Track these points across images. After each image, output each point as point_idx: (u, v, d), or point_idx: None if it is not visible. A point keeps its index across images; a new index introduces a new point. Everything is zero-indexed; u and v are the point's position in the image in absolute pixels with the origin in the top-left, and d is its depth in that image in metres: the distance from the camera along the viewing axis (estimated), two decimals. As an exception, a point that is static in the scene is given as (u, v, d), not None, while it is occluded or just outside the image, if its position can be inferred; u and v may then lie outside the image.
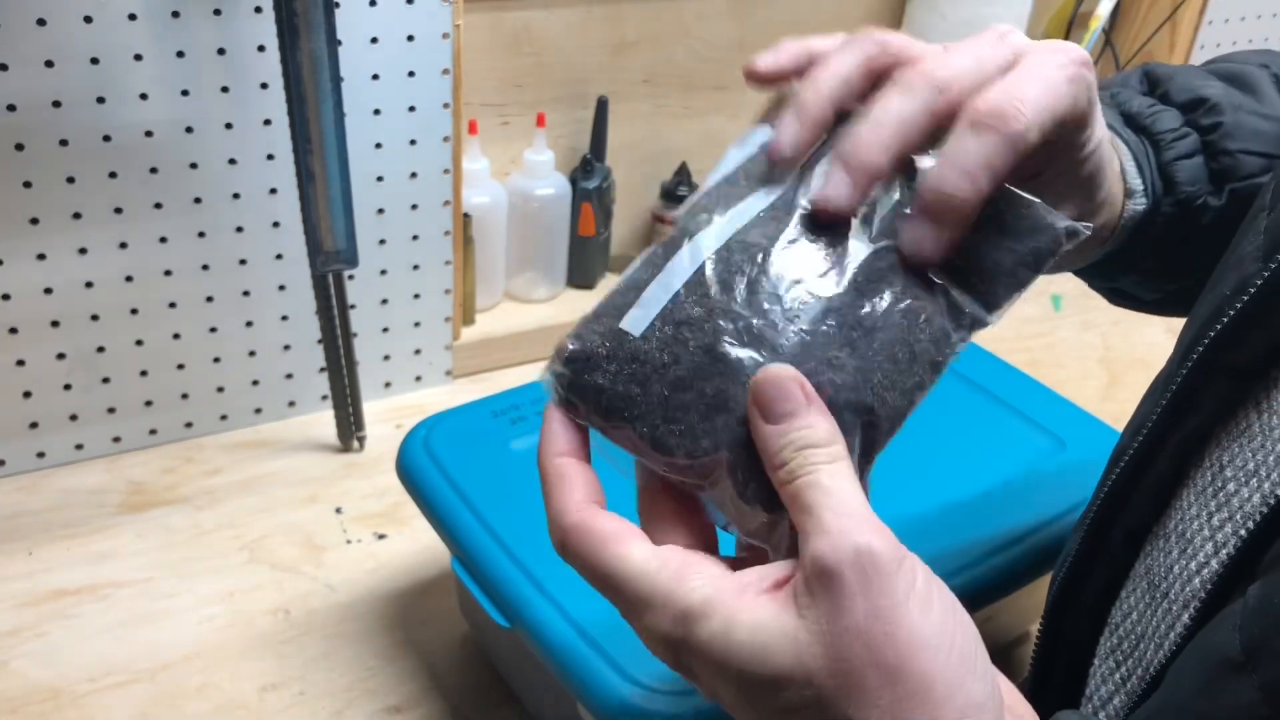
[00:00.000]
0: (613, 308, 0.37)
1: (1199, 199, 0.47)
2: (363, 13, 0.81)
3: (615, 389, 0.36)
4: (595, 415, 0.36)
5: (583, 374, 0.36)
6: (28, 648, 0.71)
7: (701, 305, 0.36)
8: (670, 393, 0.35)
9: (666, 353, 0.35)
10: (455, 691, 0.70)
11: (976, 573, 0.61)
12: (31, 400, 0.83)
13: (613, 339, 0.36)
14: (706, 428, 0.34)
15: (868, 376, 0.35)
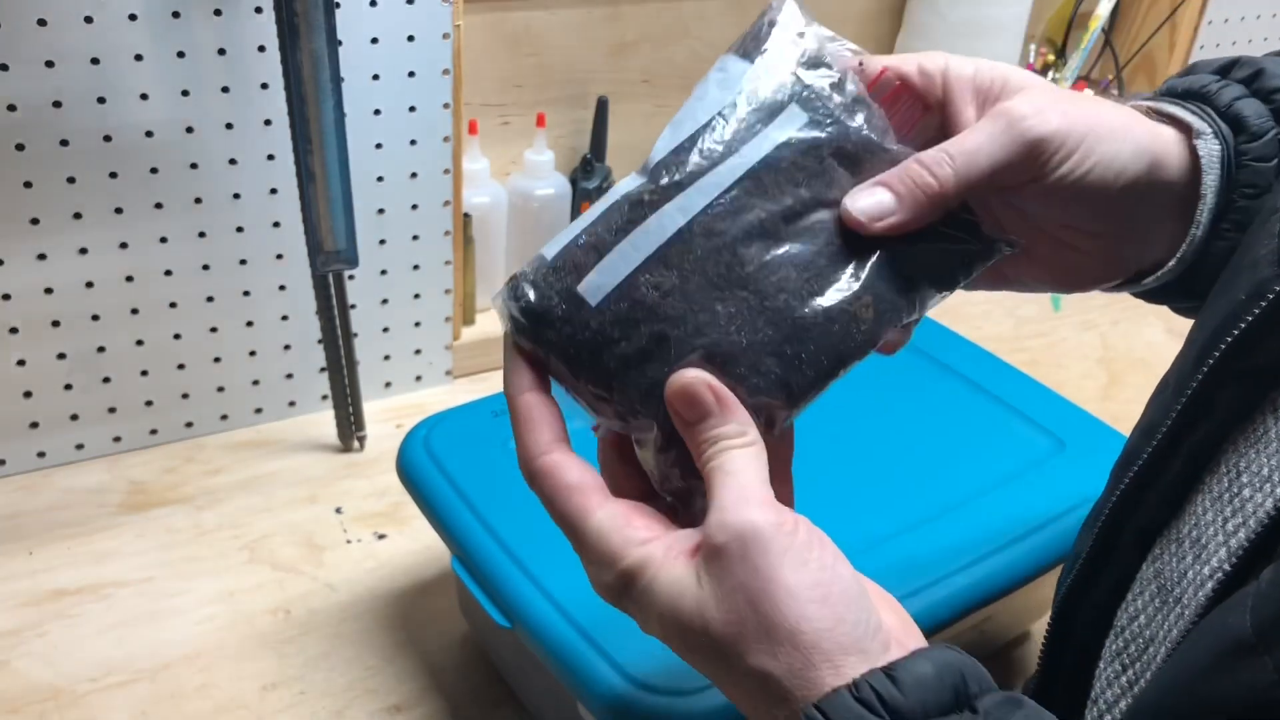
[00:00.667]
0: (572, 264, 0.38)
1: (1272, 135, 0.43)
2: (363, 13, 0.81)
3: (565, 349, 0.38)
4: (541, 357, 0.38)
5: (536, 325, 0.38)
6: (28, 647, 0.71)
7: (658, 289, 0.37)
8: (615, 366, 0.37)
9: (618, 329, 0.37)
10: (455, 691, 0.70)
11: (976, 572, 0.61)
12: (32, 400, 0.83)
13: (568, 301, 0.37)
14: (643, 402, 0.38)
15: (787, 381, 0.38)
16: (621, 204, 0.38)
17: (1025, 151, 0.39)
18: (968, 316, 1.16)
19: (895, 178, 0.39)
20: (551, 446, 0.38)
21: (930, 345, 0.81)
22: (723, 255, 0.37)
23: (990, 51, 1.15)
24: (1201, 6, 1.30)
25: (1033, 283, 0.46)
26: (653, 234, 0.37)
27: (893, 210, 0.39)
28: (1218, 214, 0.43)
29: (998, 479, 0.68)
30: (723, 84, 0.39)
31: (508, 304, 0.38)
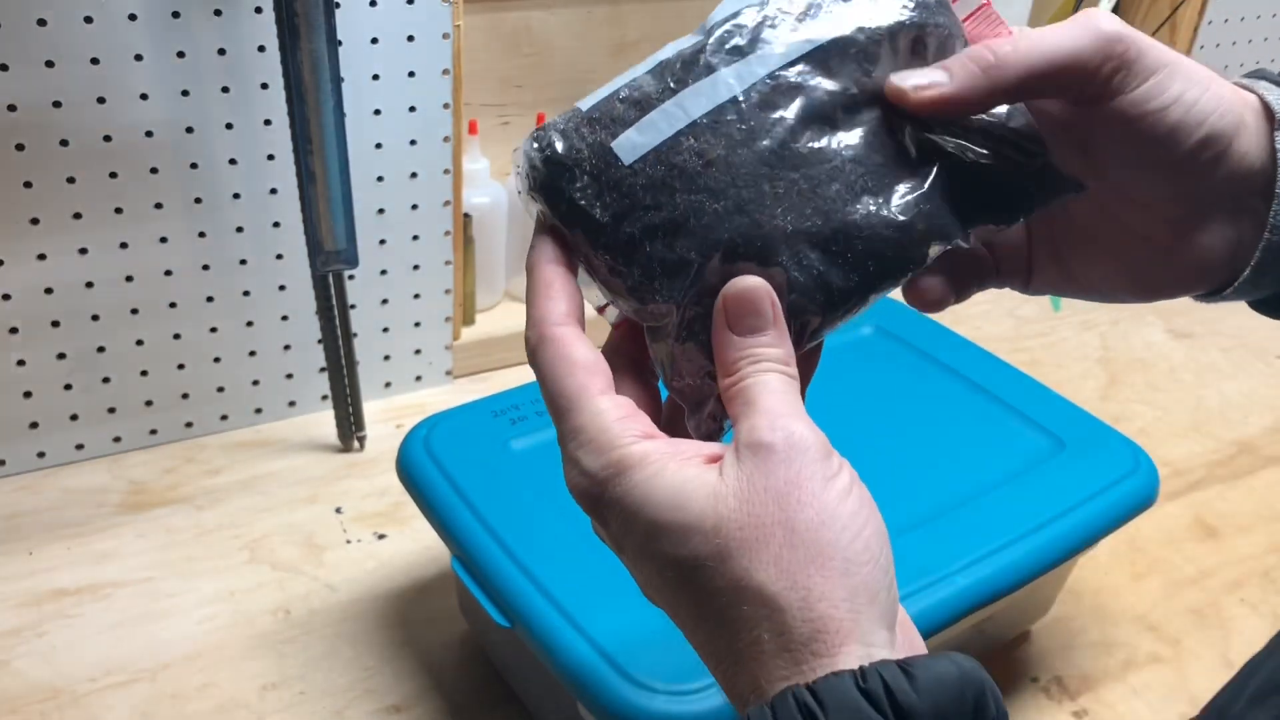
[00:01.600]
0: (610, 116, 0.35)
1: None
2: (363, 13, 0.81)
3: (589, 210, 0.34)
4: (560, 220, 0.35)
5: (558, 178, 0.35)
6: (28, 647, 0.71)
7: (701, 157, 0.34)
8: (641, 237, 0.34)
9: (650, 195, 0.34)
10: (455, 691, 0.71)
11: (976, 572, 0.61)
12: (32, 400, 0.83)
13: (600, 156, 0.34)
14: (664, 282, 0.34)
15: (828, 282, 0.35)
16: (673, 61, 0.35)
17: (1099, 47, 0.35)
18: (968, 317, 1.16)
19: (954, 58, 0.36)
20: (565, 319, 0.34)
21: (930, 345, 0.81)
22: (776, 131, 0.34)
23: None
24: (1201, 6, 1.30)
25: (1102, 283, 0.41)
26: (704, 97, 0.34)
27: (940, 82, 0.35)
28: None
29: (998, 479, 0.68)
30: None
31: (529, 152, 0.35)
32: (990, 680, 0.30)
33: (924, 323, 0.84)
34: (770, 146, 0.34)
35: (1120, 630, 0.79)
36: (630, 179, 0.34)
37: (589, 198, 0.34)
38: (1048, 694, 0.74)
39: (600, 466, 0.32)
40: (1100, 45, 0.35)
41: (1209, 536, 0.89)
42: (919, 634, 0.35)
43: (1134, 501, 0.68)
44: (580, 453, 0.33)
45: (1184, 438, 1.02)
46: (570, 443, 0.33)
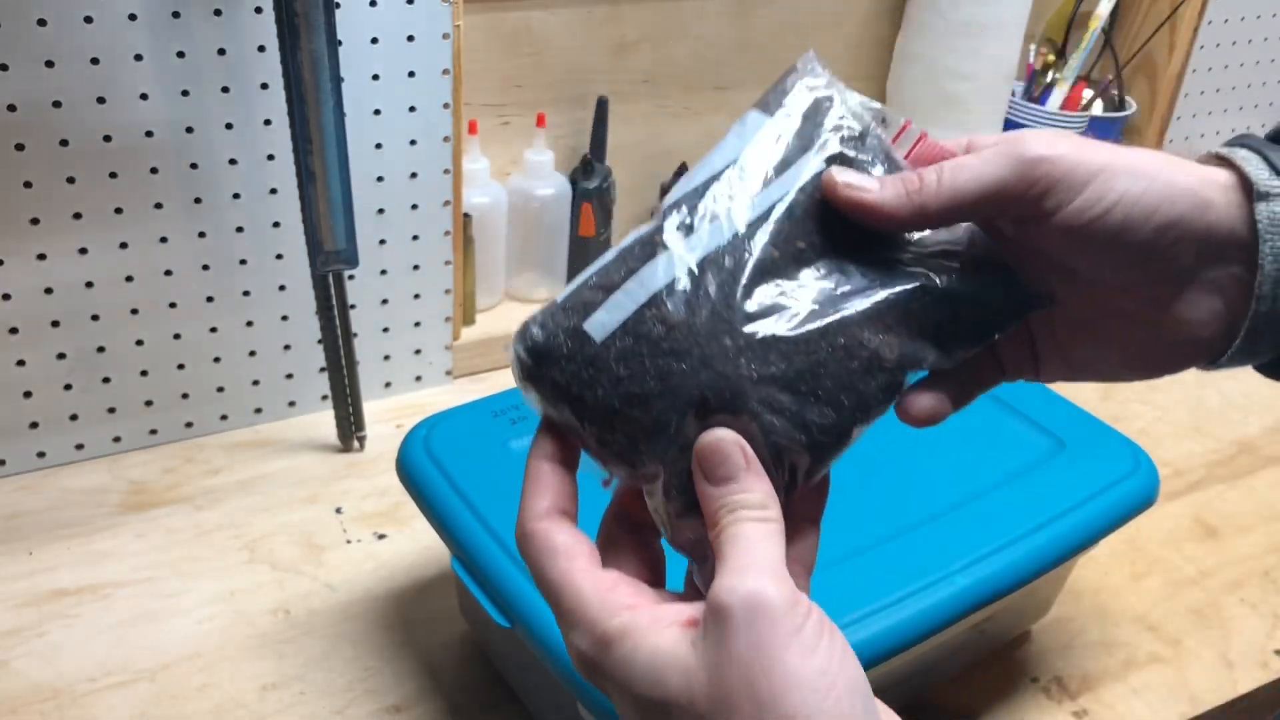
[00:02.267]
0: (580, 303, 0.37)
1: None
2: (363, 13, 0.81)
3: (569, 389, 0.37)
4: (549, 405, 0.38)
5: (541, 365, 0.38)
6: (28, 647, 0.71)
7: (664, 324, 0.36)
8: (620, 405, 0.36)
9: (622, 366, 0.36)
10: (455, 691, 0.70)
11: (976, 572, 0.61)
12: (32, 400, 0.83)
13: (574, 338, 0.37)
14: (648, 444, 0.36)
15: (805, 421, 0.36)
16: (632, 246, 0.38)
17: (1022, 170, 0.35)
18: (968, 316, 1.16)
19: (887, 176, 0.37)
20: (546, 513, 0.37)
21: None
22: (730, 290, 0.36)
23: (990, 51, 1.15)
24: (1201, 7, 1.30)
25: (1106, 368, 0.41)
26: (661, 271, 0.37)
27: (870, 189, 0.36)
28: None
29: (998, 479, 0.68)
30: (739, 135, 0.39)
31: (516, 347, 0.38)
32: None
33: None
34: (725, 304, 0.36)
35: (1120, 630, 0.79)
36: (603, 354, 0.36)
37: (569, 377, 0.37)
38: (1048, 694, 0.74)
39: (588, 645, 0.34)
40: (1022, 171, 0.35)
41: (1209, 536, 0.89)
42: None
43: (1134, 502, 0.68)
44: (572, 634, 0.35)
45: (1184, 438, 1.02)
46: (562, 625, 0.36)
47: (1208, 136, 1.44)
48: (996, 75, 1.18)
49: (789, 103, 0.39)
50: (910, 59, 1.19)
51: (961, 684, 0.74)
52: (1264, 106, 1.47)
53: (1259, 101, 1.46)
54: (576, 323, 0.37)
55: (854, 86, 0.40)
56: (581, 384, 0.37)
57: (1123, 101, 1.32)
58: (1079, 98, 1.25)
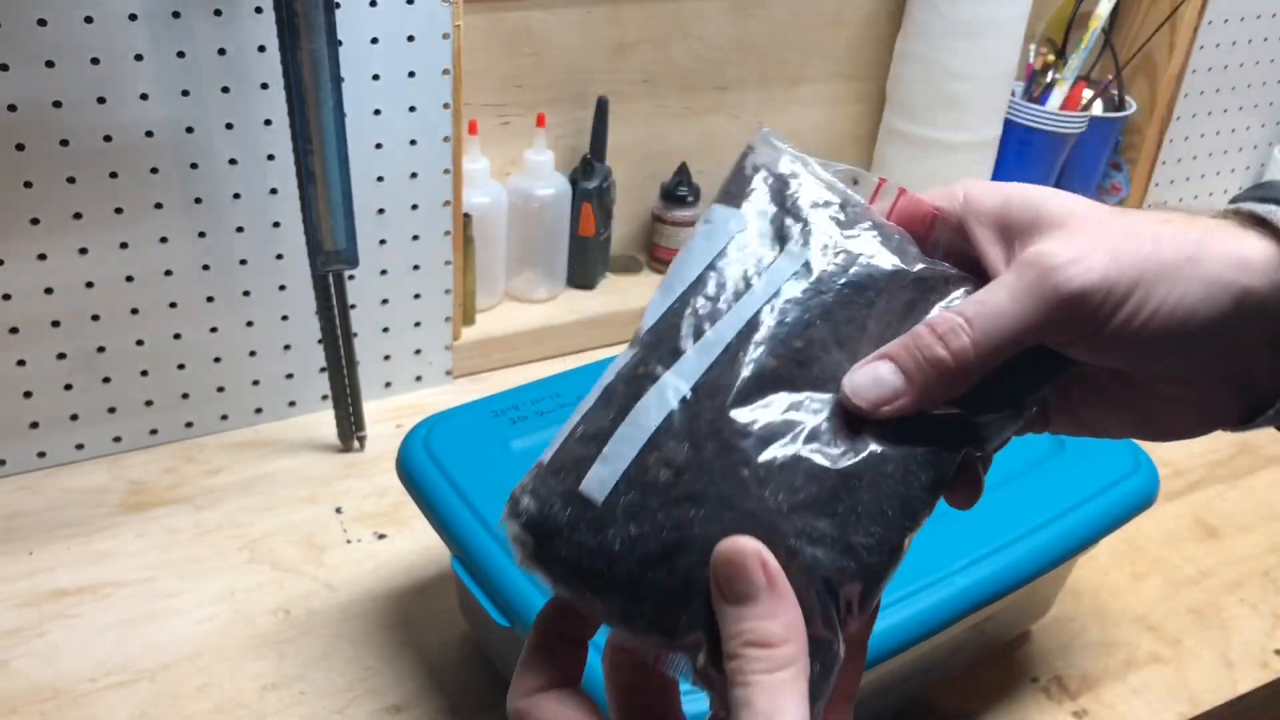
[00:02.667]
0: (572, 460, 0.33)
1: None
2: (363, 13, 0.81)
3: (579, 563, 0.32)
4: (559, 585, 0.33)
5: (542, 542, 0.33)
6: (28, 647, 0.71)
7: (669, 467, 0.32)
8: (639, 570, 0.31)
9: (633, 524, 0.31)
10: (455, 691, 0.71)
11: (976, 572, 0.61)
12: (32, 400, 0.83)
13: (572, 504, 0.32)
14: (676, 610, 0.31)
15: (850, 545, 0.31)
16: (616, 384, 0.33)
17: (1063, 309, 0.32)
18: (968, 316, 1.16)
19: (902, 348, 0.33)
20: (531, 690, 0.33)
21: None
22: (734, 414, 0.32)
23: (990, 51, 1.15)
24: (1201, 7, 1.30)
25: (1117, 430, 0.39)
26: (654, 408, 0.32)
27: (901, 392, 0.33)
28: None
29: (998, 479, 0.68)
30: (709, 235, 0.35)
31: (510, 525, 0.33)
32: None
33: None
34: (733, 430, 0.32)
35: (1120, 630, 0.79)
36: (608, 516, 0.32)
37: (576, 550, 0.32)
38: (1048, 694, 0.74)
39: None
40: (1066, 308, 0.32)
41: (1209, 536, 0.89)
42: None
43: (1134, 501, 0.68)
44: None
45: (1184, 438, 1.02)
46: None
47: (1207, 136, 1.44)
48: (996, 75, 1.18)
49: (754, 189, 0.35)
50: (910, 59, 1.19)
51: (961, 684, 0.74)
52: (1264, 106, 1.47)
53: (1259, 101, 1.46)
54: (571, 485, 0.32)
55: (854, 86, 0.38)
56: (592, 554, 0.32)
57: (1123, 101, 1.32)
58: (1079, 98, 1.25)
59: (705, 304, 0.33)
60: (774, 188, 0.35)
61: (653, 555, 0.31)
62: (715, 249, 0.34)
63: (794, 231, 0.34)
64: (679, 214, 1.14)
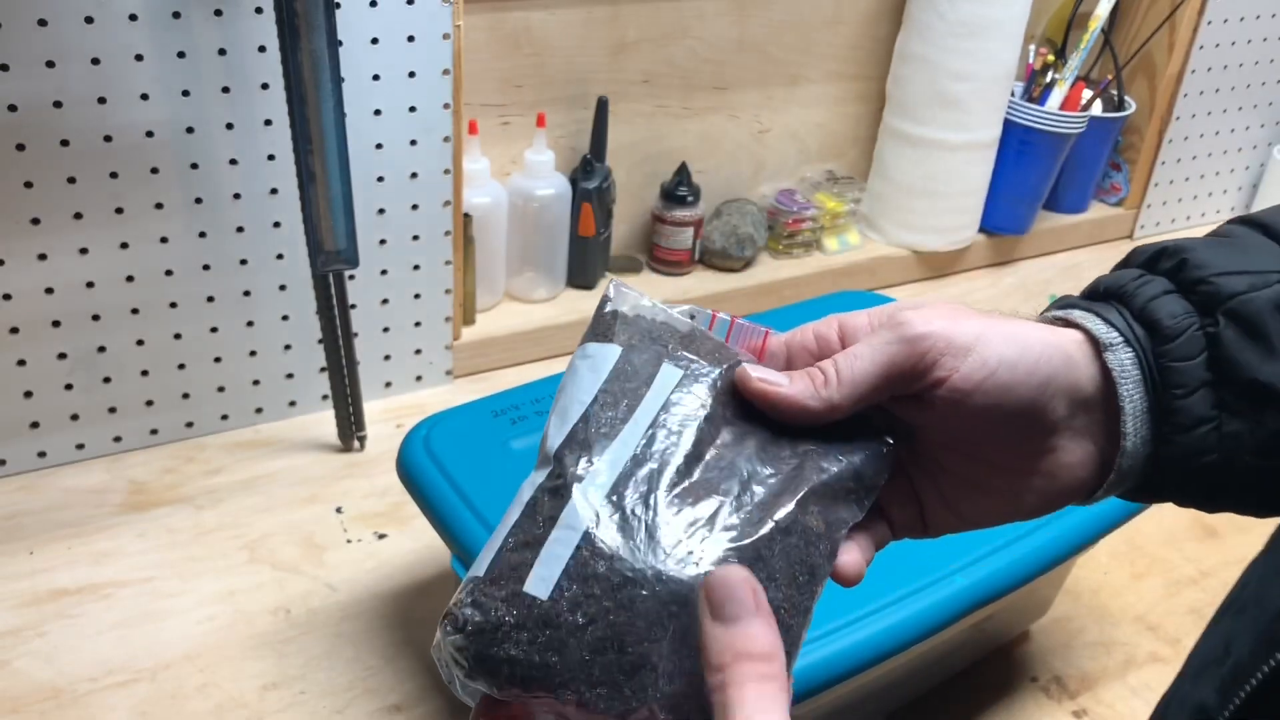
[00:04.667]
0: (508, 568, 0.35)
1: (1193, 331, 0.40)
2: (363, 13, 0.81)
3: (531, 659, 0.34)
4: (511, 686, 0.35)
5: (490, 646, 0.35)
6: (29, 647, 0.71)
7: (605, 558, 0.35)
8: (590, 655, 0.34)
9: (580, 613, 0.34)
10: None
11: (976, 572, 0.61)
12: (32, 400, 0.83)
13: (519, 605, 0.35)
14: (634, 686, 0.34)
15: (776, 606, 0.35)
16: (539, 496, 0.37)
17: (909, 349, 0.38)
18: (967, 316, 1.16)
19: (796, 374, 0.40)
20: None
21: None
22: (654, 502, 0.37)
23: (990, 51, 1.15)
24: (1201, 7, 1.30)
25: (991, 518, 0.45)
26: (579, 510, 0.36)
27: (783, 383, 0.39)
28: (1154, 416, 0.40)
29: (997, 479, 0.68)
30: (593, 368, 0.40)
31: (448, 642, 0.35)
32: None
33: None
34: (656, 516, 0.36)
35: (1120, 630, 0.80)
36: (556, 610, 0.34)
37: (527, 647, 0.34)
38: (1047, 693, 0.74)
39: None
40: (909, 350, 0.38)
41: (1209, 536, 0.89)
42: None
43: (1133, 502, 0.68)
44: None
45: (1184, 438, 1.02)
46: None
47: (1207, 136, 1.44)
48: (996, 75, 1.18)
49: (619, 328, 0.41)
50: (910, 59, 1.19)
51: (961, 684, 0.74)
52: (1263, 107, 1.47)
53: (1258, 102, 1.46)
54: (515, 588, 0.35)
55: (854, 86, 0.41)
56: (544, 649, 0.34)
57: (1122, 101, 1.32)
58: (1078, 98, 1.25)
59: (606, 420, 0.38)
60: (634, 326, 0.41)
61: (604, 640, 0.34)
62: (601, 377, 0.39)
63: (663, 356, 0.40)
64: (679, 214, 1.14)
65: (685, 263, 1.17)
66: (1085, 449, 0.42)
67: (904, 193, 1.25)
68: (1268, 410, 0.40)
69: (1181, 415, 0.40)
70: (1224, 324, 0.40)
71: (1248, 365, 0.40)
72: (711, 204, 1.19)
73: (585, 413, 0.39)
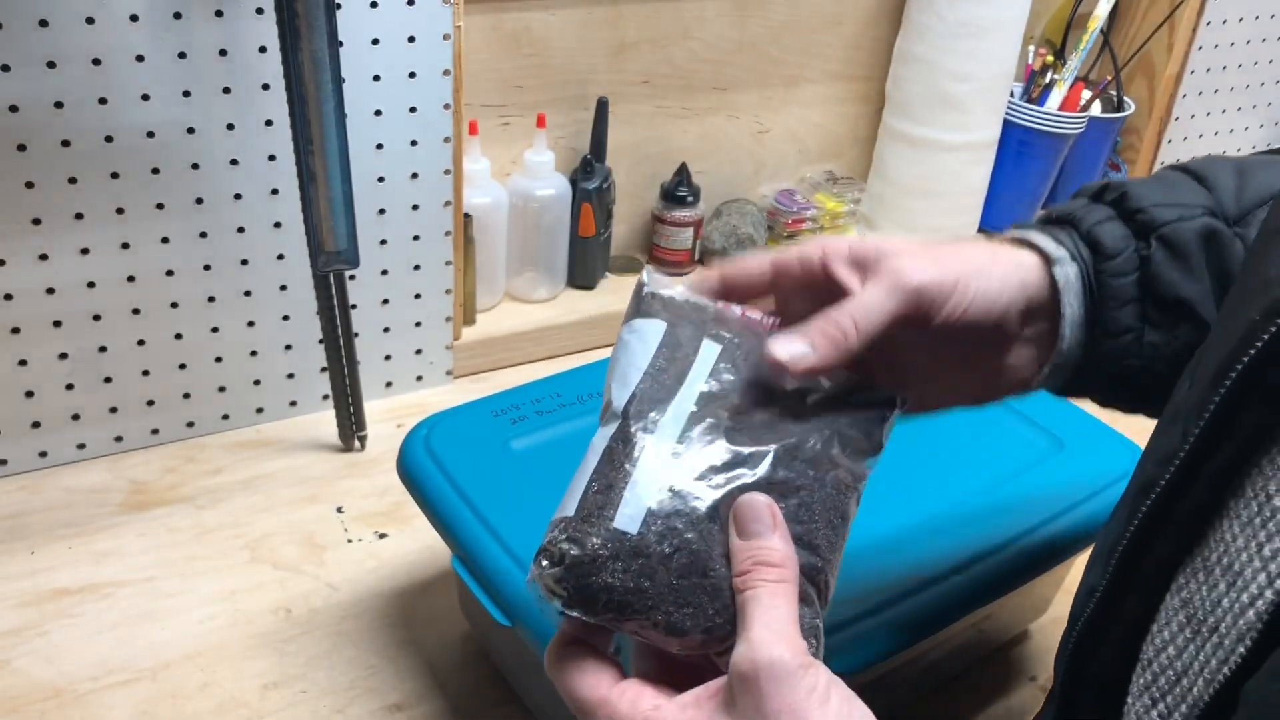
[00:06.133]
0: (596, 508, 0.40)
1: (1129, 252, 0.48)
2: (364, 14, 0.82)
3: (625, 585, 0.39)
4: (607, 612, 0.39)
5: (589, 576, 0.39)
6: (30, 646, 0.71)
7: (682, 496, 0.40)
8: (678, 580, 0.39)
9: (666, 543, 0.39)
10: (456, 690, 0.71)
11: (976, 572, 0.61)
12: (34, 400, 0.83)
13: (612, 539, 0.39)
14: (717, 605, 0.39)
15: (813, 544, 0.41)
16: (614, 445, 0.41)
17: (912, 299, 0.44)
18: (967, 317, 1.16)
19: (813, 328, 0.44)
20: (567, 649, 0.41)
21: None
22: (711, 450, 0.41)
23: (989, 52, 1.16)
24: (1200, 7, 1.31)
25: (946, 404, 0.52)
26: (656, 456, 0.41)
27: (809, 353, 0.44)
28: (1087, 324, 0.48)
29: (997, 479, 0.68)
30: (643, 340, 0.45)
31: (546, 575, 0.39)
32: None
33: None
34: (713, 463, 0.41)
35: (1119, 629, 0.80)
36: (645, 542, 0.39)
37: (623, 575, 0.39)
38: (1046, 693, 0.74)
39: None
40: (910, 299, 0.45)
41: (1208, 536, 0.89)
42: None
43: (1133, 501, 0.68)
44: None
45: (1183, 438, 1.02)
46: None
47: (1206, 137, 1.44)
48: (996, 75, 1.18)
49: (658, 307, 0.46)
50: (910, 59, 1.20)
51: (961, 684, 0.74)
52: (1262, 107, 1.47)
53: (1257, 102, 1.46)
54: (606, 524, 0.39)
55: (854, 87, 0.43)
56: (638, 576, 0.39)
57: (1121, 102, 1.32)
58: (1077, 98, 1.26)
59: (662, 383, 0.43)
60: (671, 305, 0.46)
61: (688, 565, 0.39)
62: (652, 347, 0.44)
63: (702, 331, 0.45)
64: (679, 214, 1.14)
65: (685, 263, 1.17)
66: (1029, 353, 0.50)
67: (903, 193, 1.25)
68: (1182, 325, 0.48)
69: (1111, 324, 0.48)
70: (1155, 247, 0.48)
71: (1172, 283, 0.47)
72: (711, 204, 1.19)
73: (644, 375, 0.43)
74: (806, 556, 0.40)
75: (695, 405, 0.42)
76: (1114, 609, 0.45)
